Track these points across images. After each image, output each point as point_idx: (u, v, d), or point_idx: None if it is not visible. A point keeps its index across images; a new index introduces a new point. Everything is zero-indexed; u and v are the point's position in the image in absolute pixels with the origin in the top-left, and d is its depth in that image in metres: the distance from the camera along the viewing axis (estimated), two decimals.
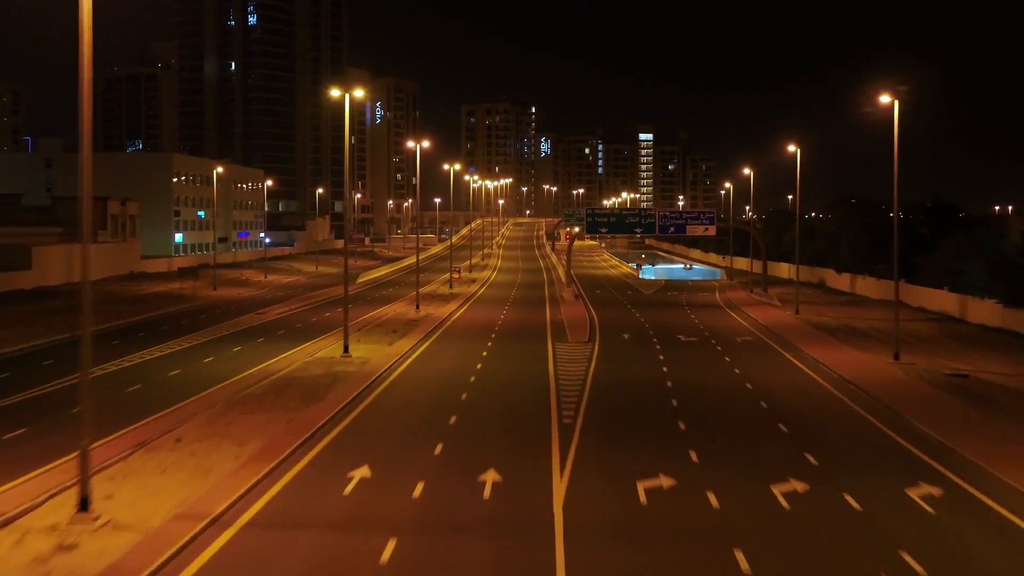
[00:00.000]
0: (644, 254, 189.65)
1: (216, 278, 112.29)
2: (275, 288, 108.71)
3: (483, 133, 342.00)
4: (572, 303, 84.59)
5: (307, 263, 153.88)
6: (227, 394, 38.51)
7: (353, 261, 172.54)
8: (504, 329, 64.68)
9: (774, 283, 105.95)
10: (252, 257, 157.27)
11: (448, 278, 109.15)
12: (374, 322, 67.46)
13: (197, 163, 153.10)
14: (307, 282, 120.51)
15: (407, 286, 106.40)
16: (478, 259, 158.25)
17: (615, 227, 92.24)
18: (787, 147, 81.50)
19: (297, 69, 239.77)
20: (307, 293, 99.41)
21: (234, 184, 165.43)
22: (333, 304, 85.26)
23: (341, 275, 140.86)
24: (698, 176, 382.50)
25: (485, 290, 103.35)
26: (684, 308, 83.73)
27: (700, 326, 67.37)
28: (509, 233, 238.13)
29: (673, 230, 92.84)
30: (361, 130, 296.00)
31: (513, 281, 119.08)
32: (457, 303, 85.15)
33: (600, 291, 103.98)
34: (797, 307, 75.66)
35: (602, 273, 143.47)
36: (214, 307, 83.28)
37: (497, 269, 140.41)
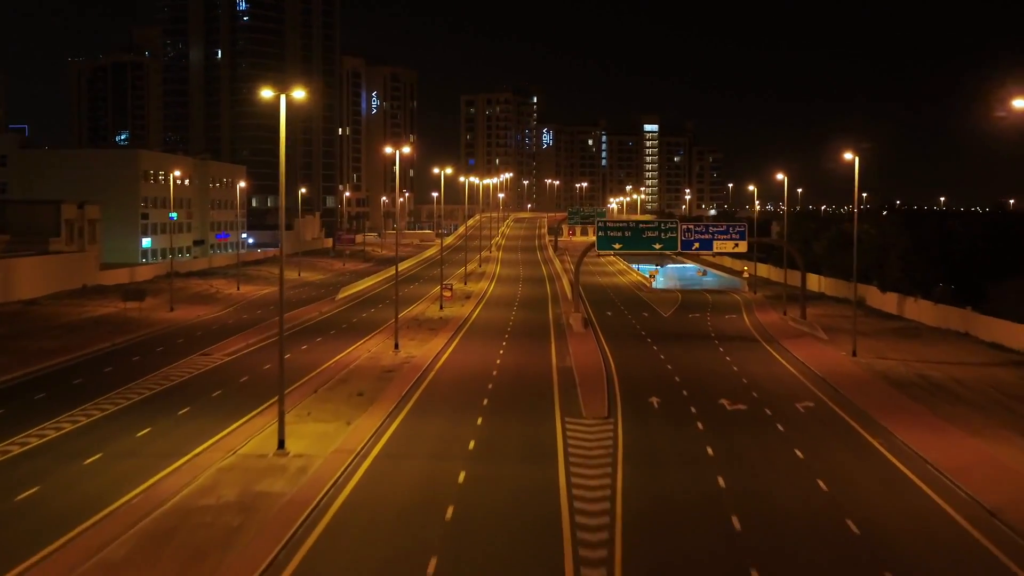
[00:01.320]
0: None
1: (180, 294, 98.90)
2: (243, 306, 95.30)
3: (483, 124, 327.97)
4: (582, 336, 71.21)
5: (290, 267, 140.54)
6: None
7: (341, 264, 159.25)
8: (500, 387, 51.12)
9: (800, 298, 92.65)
10: (230, 261, 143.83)
11: (442, 291, 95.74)
12: (338, 375, 53.97)
13: (167, 160, 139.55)
14: (285, 295, 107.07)
15: (393, 304, 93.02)
16: (475, 265, 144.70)
17: (630, 242, 78.90)
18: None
19: (287, 57, 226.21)
20: (277, 316, 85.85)
21: (212, 181, 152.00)
22: (302, 335, 71.84)
23: (326, 284, 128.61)
24: (704, 169, 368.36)
25: (480, 311, 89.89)
26: (713, 340, 70.33)
27: (743, 378, 53.91)
28: (509, 232, 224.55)
29: (698, 246, 79.50)
30: (356, 120, 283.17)
31: (513, 296, 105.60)
32: (446, 335, 71.69)
33: (611, 312, 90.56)
34: (854, 347, 62.15)
35: (610, 282, 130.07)
36: (158, 340, 69.90)
37: (495, 279, 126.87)
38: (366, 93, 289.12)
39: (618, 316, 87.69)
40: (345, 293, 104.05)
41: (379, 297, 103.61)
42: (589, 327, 76.51)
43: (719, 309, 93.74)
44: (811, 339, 70.41)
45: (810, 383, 52.67)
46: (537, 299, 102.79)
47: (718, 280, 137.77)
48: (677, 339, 70.81)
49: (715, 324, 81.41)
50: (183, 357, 60.39)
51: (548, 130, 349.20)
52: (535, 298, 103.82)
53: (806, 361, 59.93)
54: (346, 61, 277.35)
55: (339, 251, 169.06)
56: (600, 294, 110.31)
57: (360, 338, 70.27)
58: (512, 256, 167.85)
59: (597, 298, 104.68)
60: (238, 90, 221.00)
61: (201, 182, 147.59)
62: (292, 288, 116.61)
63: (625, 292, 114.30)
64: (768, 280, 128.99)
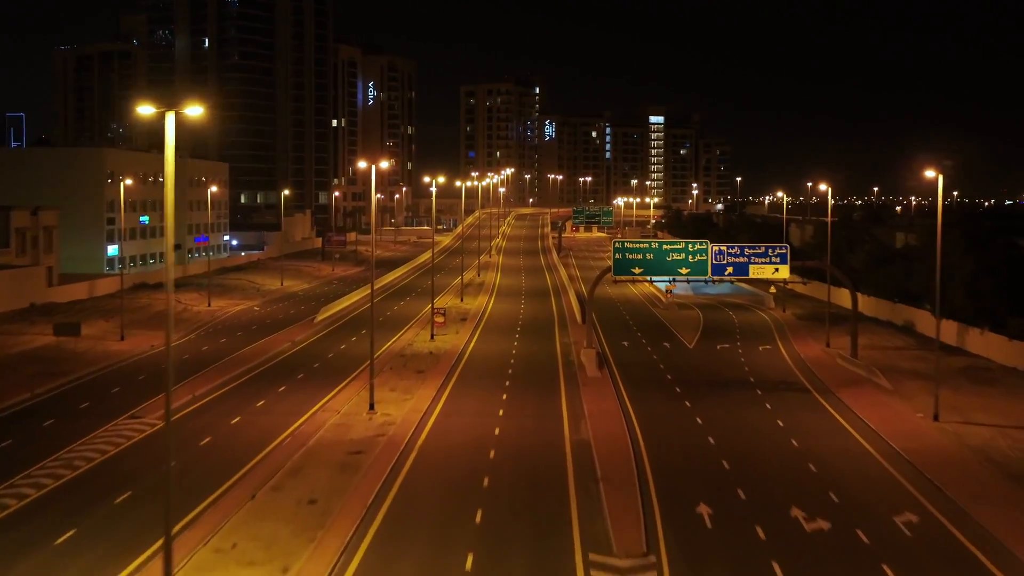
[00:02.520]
0: None
1: (140, 314, 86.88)
2: (209, 330, 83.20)
3: (483, 115, 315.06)
4: (597, 383, 59.18)
5: (272, 275, 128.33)
6: None
7: (330, 269, 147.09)
8: (499, 484, 38.88)
9: (838, 320, 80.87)
10: (207, 269, 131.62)
11: (432, 317, 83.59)
12: (290, 459, 41.78)
13: (137, 159, 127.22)
14: (260, 314, 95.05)
15: (381, 329, 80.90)
16: (473, 273, 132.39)
17: (653, 266, 66.85)
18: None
19: (277, 47, 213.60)
20: (247, 346, 73.81)
21: (191, 180, 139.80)
22: (263, 381, 59.66)
23: (310, 297, 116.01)
24: (711, 162, 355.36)
25: (477, 341, 77.55)
26: (755, 390, 58.23)
27: (809, 463, 41.68)
28: (510, 231, 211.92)
29: (731, 271, 67.45)
30: (352, 112, 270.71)
31: (514, 317, 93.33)
32: (435, 382, 59.49)
33: (627, 340, 78.42)
34: (936, 408, 50.00)
35: (620, 293, 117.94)
36: (89, 388, 57.81)
37: (495, 291, 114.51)
38: (362, 84, 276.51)
39: (635, 346, 75.58)
40: (326, 314, 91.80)
41: (364, 318, 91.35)
42: (604, 367, 64.47)
43: (749, 335, 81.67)
44: (872, 388, 58.35)
45: (899, 473, 40.50)
46: (542, 320, 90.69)
47: (738, 290, 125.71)
48: (711, 388, 58.67)
49: (750, 360, 69.30)
50: (106, 421, 48.23)
51: (551, 122, 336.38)
52: (540, 319, 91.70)
53: (879, 429, 47.84)
54: (341, 50, 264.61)
55: (328, 253, 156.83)
56: (611, 311, 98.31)
57: (333, 385, 58.14)
58: (513, 261, 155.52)
59: (608, 316, 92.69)
60: (226, 80, 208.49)
61: (178, 181, 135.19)
62: (272, 303, 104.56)
63: (638, 308, 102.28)
64: (794, 292, 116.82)
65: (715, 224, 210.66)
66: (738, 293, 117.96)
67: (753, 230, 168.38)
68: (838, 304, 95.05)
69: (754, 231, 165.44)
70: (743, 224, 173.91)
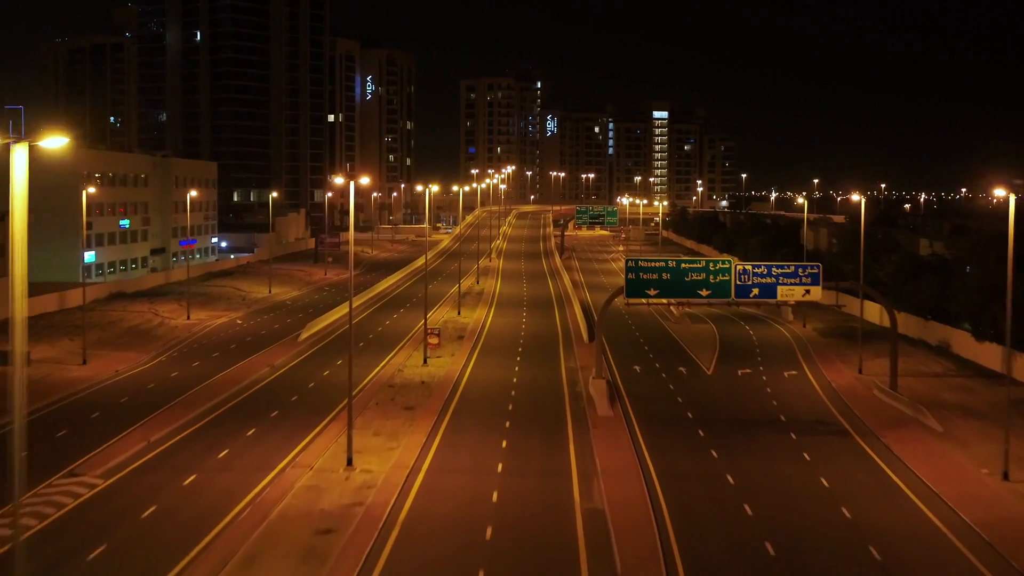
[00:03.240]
0: None
1: (110, 329, 79.78)
2: (184, 350, 76.01)
3: (484, 110, 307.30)
4: (609, 425, 52.02)
5: (261, 281, 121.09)
6: None
7: (323, 273, 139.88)
8: (496, 573, 31.99)
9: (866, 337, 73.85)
10: (193, 274, 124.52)
11: (426, 338, 76.45)
12: (246, 541, 34.56)
13: (117, 159, 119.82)
14: (241, 329, 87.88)
15: (370, 349, 73.80)
16: (471, 280, 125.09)
17: (670, 287, 59.69)
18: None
19: (272, 40, 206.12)
20: (220, 372, 66.65)
21: (176, 181, 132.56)
22: (229, 422, 52.40)
23: (299, 307, 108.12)
24: (716, 158, 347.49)
25: (475, 365, 70.21)
26: (788, 433, 51.08)
27: (869, 545, 34.50)
28: (511, 231, 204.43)
29: (757, 293, 60.28)
30: (350, 107, 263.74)
31: (516, 333, 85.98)
32: (426, 423, 52.19)
33: (639, 363, 71.20)
34: (1006, 465, 42.82)
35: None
36: (32, 430, 50.61)
37: (494, 302, 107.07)
38: (360, 77, 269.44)
39: (648, 371, 68.38)
40: (312, 330, 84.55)
41: (357, 333, 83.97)
42: (616, 400, 57.32)
43: (771, 356, 74.52)
44: (920, 430, 51.18)
45: (977, 558, 33.36)
46: (545, 337, 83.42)
47: None
48: (739, 430, 51.45)
49: (777, 390, 62.12)
50: (36, 482, 41.02)
51: (552, 117, 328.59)
52: (543, 336, 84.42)
53: (940, 491, 40.70)
54: (339, 44, 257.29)
55: (321, 255, 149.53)
56: (619, 323, 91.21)
57: (309, 427, 50.98)
58: (514, 265, 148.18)
59: (616, 330, 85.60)
60: (218, 75, 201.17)
61: (162, 182, 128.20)
62: (256, 314, 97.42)
63: (647, 320, 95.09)
64: (816, 304, 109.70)
65: (722, 223, 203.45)
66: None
67: (764, 232, 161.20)
68: (862, 317, 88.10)
69: (765, 233, 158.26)
70: (753, 226, 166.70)
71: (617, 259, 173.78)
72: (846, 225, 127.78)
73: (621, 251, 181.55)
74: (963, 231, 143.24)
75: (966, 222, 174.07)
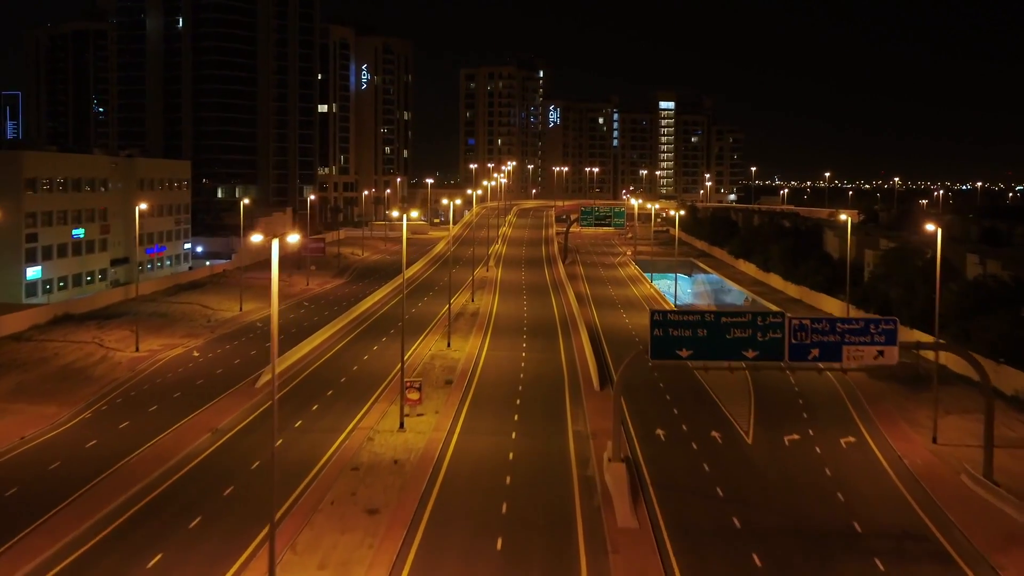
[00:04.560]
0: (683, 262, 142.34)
1: (37, 370, 66.70)
2: (115, 401, 62.93)
3: (484, 100, 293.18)
4: (633, 542, 39.08)
5: (232, 295, 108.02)
6: None
7: (304, 283, 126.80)
8: None
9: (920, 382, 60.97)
10: (157, 288, 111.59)
11: (403, 396, 63.46)
12: None
13: (69, 162, 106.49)
14: (195, 365, 74.87)
15: (340, 400, 60.44)
16: (466, 296, 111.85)
17: (706, 346, 46.72)
18: None
19: (259, 27, 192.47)
20: (148, 442, 53.68)
21: (143, 183, 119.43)
22: (149, 526, 39.32)
23: (268, 330, 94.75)
24: (724, 150, 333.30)
25: (462, 431, 56.89)
26: (871, 557, 38.08)
27: None
28: (511, 232, 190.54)
29: (817, 354, 47.37)
30: (344, 96, 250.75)
31: (514, 375, 72.50)
32: (391, 541, 38.98)
33: (663, 428, 57.87)
34: None
35: (637, 321, 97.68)
36: None
37: (490, 328, 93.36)
38: (355, 66, 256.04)
39: (675, 438, 55.25)
40: (281, 367, 71.37)
41: (325, 375, 70.94)
42: (640, 499, 44.32)
43: (818, 410, 61.57)
44: None
45: None
46: (549, 383, 70.08)
47: None
48: (806, 556, 38.40)
49: (840, 473, 49.01)
50: None
51: (555, 107, 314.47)
52: (546, 379, 71.05)
53: None
54: (333, 31, 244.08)
55: (303, 261, 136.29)
56: (627, 351, 77.94)
57: (241, 547, 38.05)
58: (514, 276, 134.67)
59: (625, 352, 72.59)
60: (201, 64, 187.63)
61: (126, 185, 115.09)
62: (219, 342, 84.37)
63: None
64: None
65: (734, 223, 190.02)
66: None
67: (783, 237, 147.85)
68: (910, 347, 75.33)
69: (785, 239, 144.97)
70: (771, 230, 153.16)
71: (625, 263, 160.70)
72: (870, 228, 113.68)
73: (629, 255, 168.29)
74: (999, 236, 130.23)
75: (996, 224, 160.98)
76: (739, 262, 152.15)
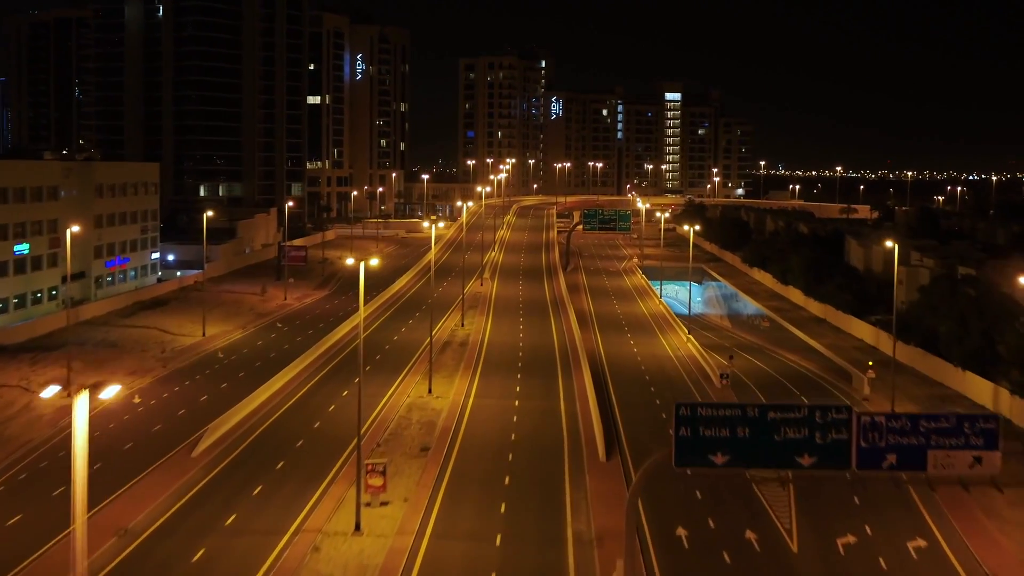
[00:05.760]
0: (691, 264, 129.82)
1: None
2: (16, 479, 51.18)
3: (484, 91, 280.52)
4: None
5: (196, 315, 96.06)
6: None
7: (282, 297, 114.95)
8: None
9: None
10: (113, 307, 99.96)
11: (375, 464, 51.84)
12: None
13: (13, 169, 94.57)
14: (133, 415, 63.25)
15: (291, 478, 48.37)
16: (456, 318, 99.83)
17: (749, 451, 35.03)
18: None
19: (244, 15, 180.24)
20: (29, 557, 42.01)
21: (103, 189, 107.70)
22: None
23: (231, 364, 75.86)
24: (732, 143, 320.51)
25: (431, 538, 44.93)
26: None
27: None
28: (510, 236, 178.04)
29: (894, 459, 35.87)
30: (338, 87, 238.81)
31: (503, 439, 60.36)
32: None
33: (686, 529, 45.82)
34: None
35: (646, 349, 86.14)
36: None
37: (480, 366, 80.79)
38: (350, 56, 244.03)
39: (701, 544, 43.53)
40: (222, 428, 59.44)
41: (284, 432, 59.01)
42: None
43: (876, 501, 49.53)
44: None
45: None
46: (546, 448, 58.26)
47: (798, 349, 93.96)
48: None
49: None
50: None
51: (557, 99, 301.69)
52: (542, 441, 59.14)
53: None
54: (327, 19, 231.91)
55: (283, 270, 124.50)
56: (636, 394, 66.80)
57: None
58: (511, 291, 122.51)
59: (633, 411, 61.53)
60: (183, 55, 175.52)
61: (81, 192, 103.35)
62: (167, 382, 72.63)
63: (678, 390, 70.71)
64: (872, 348, 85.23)
65: (745, 223, 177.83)
66: (804, 355, 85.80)
67: (802, 244, 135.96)
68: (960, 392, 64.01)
69: (804, 246, 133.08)
70: (790, 238, 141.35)
71: (631, 271, 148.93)
72: (890, 229, 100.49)
73: (635, 262, 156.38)
74: None
75: None
76: (754, 271, 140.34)
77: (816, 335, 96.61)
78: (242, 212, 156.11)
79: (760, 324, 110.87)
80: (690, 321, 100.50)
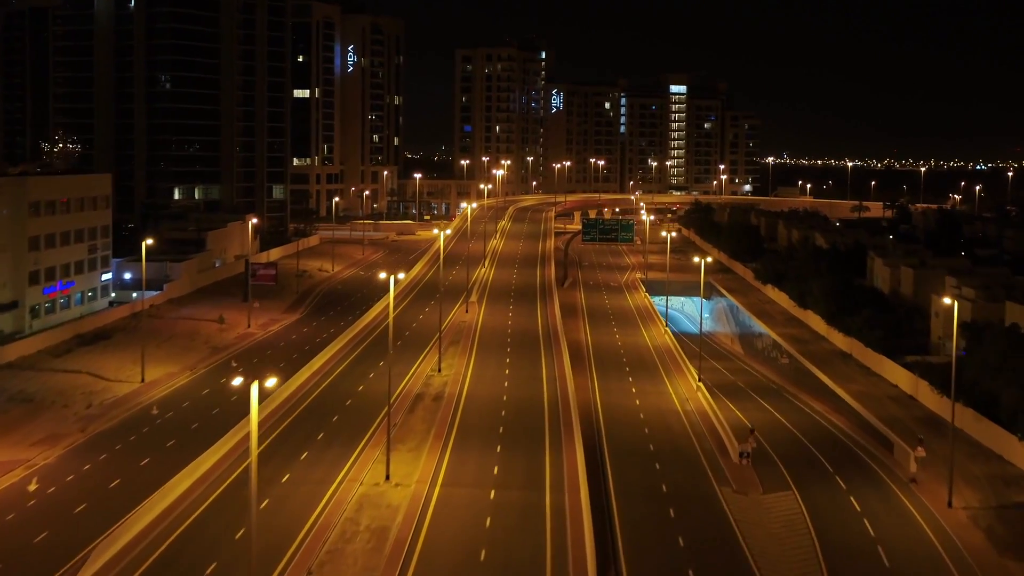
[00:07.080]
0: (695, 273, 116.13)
1: None
2: None
3: (482, 84, 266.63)
4: None
5: (137, 351, 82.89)
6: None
7: (244, 326, 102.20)
8: None
9: None
10: (47, 343, 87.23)
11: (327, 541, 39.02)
12: None
13: None
14: (19, 515, 50.54)
15: None
16: (432, 363, 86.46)
17: None
18: None
19: (222, 3, 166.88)
20: None
21: (42, 207, 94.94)
22: None
23: (169, 423, 62.35)
24: (739, 138, 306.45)
25: None
26: None
27: None
28: (504, 247, 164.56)
29: None
30: (328, 80, 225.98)
31: (474, 543, 47.88)
32: None
33: None
34: None
35: (656, 405, 73.58)
36: None
37: (452, 435, 67.20)
38: (341, 47, 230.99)
39: None
40: (130, 533, 46.55)
41: (198, 548, 46.07)
42: None
43: None
44: None
45: None
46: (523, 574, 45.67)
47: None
48: None
49: None
50: None
51: (558, 91, 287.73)
52: (519, 569, 46.56)
53: None
54: (316, 8, 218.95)
55: (251, 288, 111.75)
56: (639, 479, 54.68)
57: None
58: (499, 319, 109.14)
59: (634, 511, 49.31)
60: (156, 48, 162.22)
61: (13, 211, 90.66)
62: (78, 455, 59.71)
63: (688, 461, 58.32)
64: (910, 399, 72.59)
65: (755, 229, 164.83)
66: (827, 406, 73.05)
67: (821, 259, 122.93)
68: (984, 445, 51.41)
69: (823, 262, 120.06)
70: (807, 253, 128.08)
71: (634, 286, 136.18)
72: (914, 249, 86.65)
73: (638, 276, 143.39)
74: None
75: None
76: (768, 288, 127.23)
77: (843, 378, 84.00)
78: (214, 220, 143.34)
79: (778, 359, 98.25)
80: (699, 350, 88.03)
